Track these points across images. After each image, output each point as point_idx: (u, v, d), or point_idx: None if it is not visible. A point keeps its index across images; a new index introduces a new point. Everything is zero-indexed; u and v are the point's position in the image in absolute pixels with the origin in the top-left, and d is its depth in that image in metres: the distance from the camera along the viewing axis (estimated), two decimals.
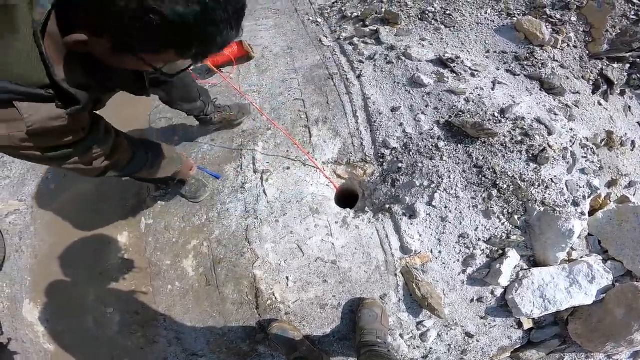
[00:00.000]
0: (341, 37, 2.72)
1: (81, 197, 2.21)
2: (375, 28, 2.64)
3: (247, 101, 2.25)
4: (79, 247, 2.05)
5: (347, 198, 2.06)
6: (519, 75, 2.21)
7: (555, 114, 1.97)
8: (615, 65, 2.30)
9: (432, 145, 1.88)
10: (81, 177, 2.13)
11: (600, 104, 2.18)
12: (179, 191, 1.99)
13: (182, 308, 1.76)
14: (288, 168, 2.02)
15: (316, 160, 2.02)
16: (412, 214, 1.78)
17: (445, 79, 2.08)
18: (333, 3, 3.18)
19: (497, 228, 1.69)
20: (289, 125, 2.17)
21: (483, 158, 1.78)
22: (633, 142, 2.07)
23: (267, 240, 1.81)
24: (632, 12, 2.31)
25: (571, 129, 1.91)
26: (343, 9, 2.99)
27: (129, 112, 2.31)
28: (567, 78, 2.22)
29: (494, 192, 1.72)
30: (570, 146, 1.82)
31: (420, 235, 1.75)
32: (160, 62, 0.83)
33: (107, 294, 1.89)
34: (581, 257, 1.63)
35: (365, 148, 2.04)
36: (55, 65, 0.77)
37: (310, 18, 3.08)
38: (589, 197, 1.69)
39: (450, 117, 1.93)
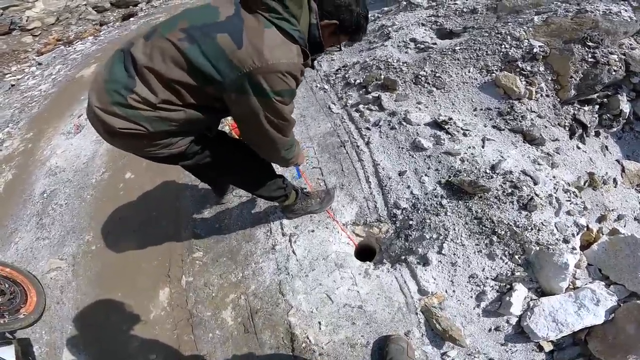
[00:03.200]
0: (348, 104, 3.03)
1: (123, 258, 2.43)
2: (377, 95, 2.94)
3: None
4: (122, 301, 2.22)
5: (365, 253, 2.25)
6: (503, 130, 2.46)
7: (539, 164, 2.21)
8: (586, 108, 2.48)
9: (436, 204, 2.12)
10: (120, 239, 2.47)
11: (578, 148, 2.39)
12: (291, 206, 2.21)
13: (222, 354, 1.90)
14: (312, 231, 2.26)
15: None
16: (425, 262, 1.99)
17: (442, 141, 2.37)
18: (337, 70, 3.53)
19: (501, 267, 1.89)
20: None
21: (481, 211, 2.01)
22: (615, 180, 2.26)
23: (299, 292, 2.01)
24: (589, 55, 2.52)
25: (554, 177, 2.15)
26: (346, 75, 3.33)
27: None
28: (546, 127, 2.46)
29: (494, 238, 1.94)
30: (554, 193, 2.04)
31: (434, 279, 1.94)
32: (343, 42, 1.46)
33: (151, 341, 2.03)
34: (585, 285, 1.80)
35: (379, 210, 2.29)
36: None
37: (318, 85, 3.43)
38: (577, 234, 1.89)
39: (449, 177, 2.19)
